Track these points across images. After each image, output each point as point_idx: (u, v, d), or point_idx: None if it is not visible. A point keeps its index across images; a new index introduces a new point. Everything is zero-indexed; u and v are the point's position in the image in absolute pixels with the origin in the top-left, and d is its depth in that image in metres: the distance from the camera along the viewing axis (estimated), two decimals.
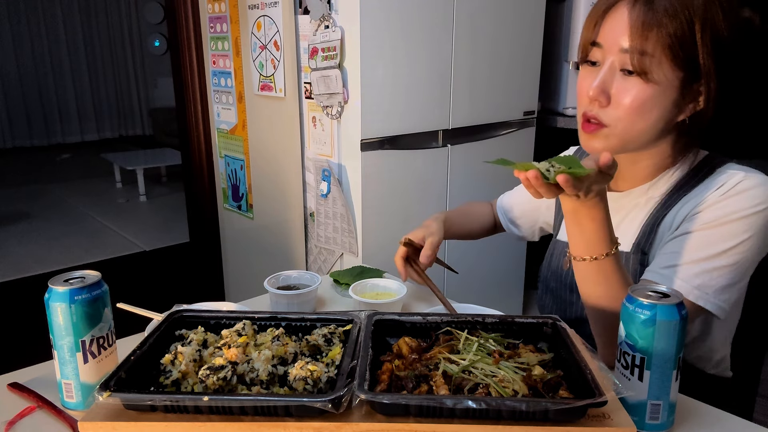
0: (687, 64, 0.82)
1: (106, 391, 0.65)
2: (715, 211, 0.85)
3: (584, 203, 0.78)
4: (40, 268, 3.71)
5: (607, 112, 0.86)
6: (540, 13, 2.43)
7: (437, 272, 2.32)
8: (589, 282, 0.84)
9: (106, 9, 8.03)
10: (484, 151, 2.34)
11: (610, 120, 0.86)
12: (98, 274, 0.78)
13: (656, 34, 0.80)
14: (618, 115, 0.85)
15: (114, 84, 8.39)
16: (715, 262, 0.84)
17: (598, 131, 0.87)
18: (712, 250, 0.84)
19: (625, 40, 0.82)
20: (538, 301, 1.15)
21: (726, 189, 0.86)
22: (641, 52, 0.81)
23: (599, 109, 0.86)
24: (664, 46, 0.81)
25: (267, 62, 2.24)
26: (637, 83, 0.83)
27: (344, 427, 0.66)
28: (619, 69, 0.84)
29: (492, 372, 0.72)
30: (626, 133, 0.86)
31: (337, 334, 0.82)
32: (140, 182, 5.46)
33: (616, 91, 0.85)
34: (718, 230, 0.85)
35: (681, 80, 0.83)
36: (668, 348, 0.68)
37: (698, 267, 0.84)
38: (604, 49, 0.85)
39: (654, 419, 0.71)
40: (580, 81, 0.90)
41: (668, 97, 0.84)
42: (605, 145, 0.88)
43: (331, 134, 2.06)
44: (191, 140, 2.78)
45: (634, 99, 0.83)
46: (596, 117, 0.87)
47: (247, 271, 2.74)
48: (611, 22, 0.84)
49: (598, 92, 0.85)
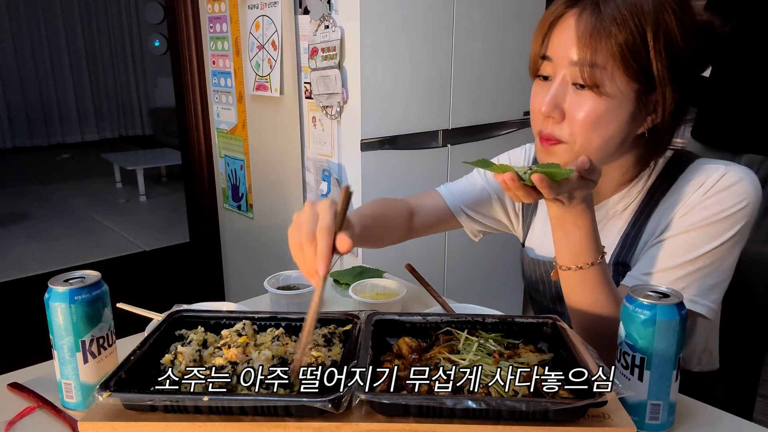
0: (641, 74, 0.78)
1: (105, 391, 0.65)
2: (700, 212, 0.83)
3: (569, 210, 0.77)
4: (40, 268, 3.71)
5: (563, 128, 0.82)
6: (540, 13, 2.42)
7: (437, 272, 2.32)
8: (576, 290, 0.83)
9: (106, 9, 8.03)
10: (484, 151, 2.34)
11: (566, 136, 0.82)
12: (98, 274, 0.78)
13: (605, 44, 0.77)
14: (573, 131, 0.81)
15: (114, 84, 8.38)
16: (699, 263, 0.83)
17: (556, 146, 0.83)
18: (696, 252, 0.83)
19: (574, 52, 0.79)
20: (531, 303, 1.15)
21: (708, 187, 0.84)
22: (591, 65, 0.77)
23: (554, 126, 0.83)
24: (615, 57, 0.77)
25: (264, 62, 2.23)
26: (590, 97, 0.79)
27: (344, 427, 0.66)
28: (571, 83, 0.81)
29: (492, 372, 0.72)
30: (584, 149, 0.82)
31: (337, 334, 0.82)
32: (140, 182, 5.46)
33: (569, 106, 0.81)
34: (703, 231, 0.83)
35: (636, 92, 0.80)
36: (668, 348, 0.68)
37: (683, 270, 0.83)
38: (554, 63, 0.82)
39: (654, 419, 0.71)
40: (533, 97, 0.87)
41: (624, 110, 0.80)
42: (564, 160, 0.84)
43: (331, 134, 2.06)
44: (191, 140, 2.78)
45: (588, 114, 0.79)
46: (551, 135, 0.83)
47: (247, 271, 2.74)
48: (559, 34, 0.81)
49: (551, 108, 0.81)
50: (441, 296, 1.06)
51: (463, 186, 1.15)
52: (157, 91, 8.12)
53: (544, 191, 0.71)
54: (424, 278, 1.13)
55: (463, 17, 2.11)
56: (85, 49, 8.01)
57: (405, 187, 2.12)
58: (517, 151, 1.14)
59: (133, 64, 8.42)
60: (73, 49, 7.91)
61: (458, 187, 1.15)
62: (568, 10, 0.81)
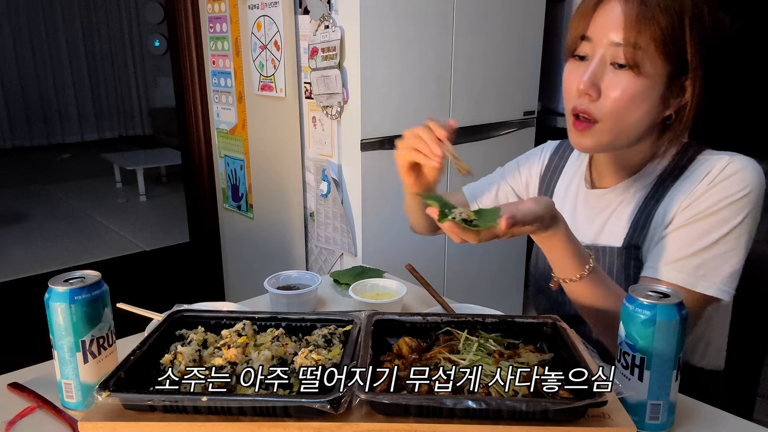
0: (675, 58, 0.83)
1: (105, 391, 0.65)
2: (706, 200, 0.87)
3: (539, 235, 0.80)
4: (40, 268, 3.70)
5: (598, 106, 0.86)
6: (540, 12, 2.43)
7: (437, 272, 2.32)
8: (579, 298, 0.87)
9: (106, 9, 8.03)
10: (484, 151, 2.34)
11: (601, 114, 0.86)
12: (98, 274, 0.78)
13: (649, 27, 0.81)
14: (608, 108, 0.85)
15: (114, 84, 8.38)
16: (714, 250, 0.86)
17: (590, 129, 0.87)
18: (708, 239, 0.86)
19: (618, 34, 0.82)
20: (532, 299, 1.15)
21: (713, 176, 0.87)
22: (635, 46, 0.81)
23: (589, 103, 0.86)
24: (656, 40, 0.81)
25: (267, 62, 2.24)
26: (628, 76, 0.83)
27: (344, 427, 0.66)
28: (610, 63, 0.84)
29: (492, 372, 0.72)
30: (616, 127, 0.86)
31: (337, 334, 0.82)
32: (140, 182, 5.46)
33: (606, 84, 0.85)
34: (711, 219, 0.86)
35: (668, 74, 0.84)
36: (668, 348, 0.68)
37: (699, 258, 0.86)
38: (594, 43, 0.85)
39: (654, 419, 0.71)
40: (568, 75, 0.90)
41: (657, 91, 0.85)
42: (596, 141, 0.88)
43: (331, 134, 2.06)
44: (191, 140, 2.78)
45: (625, 92, 0.84)
46: (586, 111, 0.87)
47: (247, 271, 2.74)
48: (603, 15, 0.84)
49: (589, 85, 0.85)
50: (441, 296, 1.07)
51: (482, 185, 1.21)
52: (157, 91, 8.12)
53: (452, 237, 0.76)
54: (424, 278, 1.13)
55: (462, 17, 2.11)
56: (85, 50, 8.01)
57: None
58: (536, 152, 1.18)
59: (133, 64, 8.42)
60: (73, 49, 7.91)
61: (477, 186, 1.22)
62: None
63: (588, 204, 1.02)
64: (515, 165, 1.19)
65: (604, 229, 0.99)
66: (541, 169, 1.14)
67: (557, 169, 1.12)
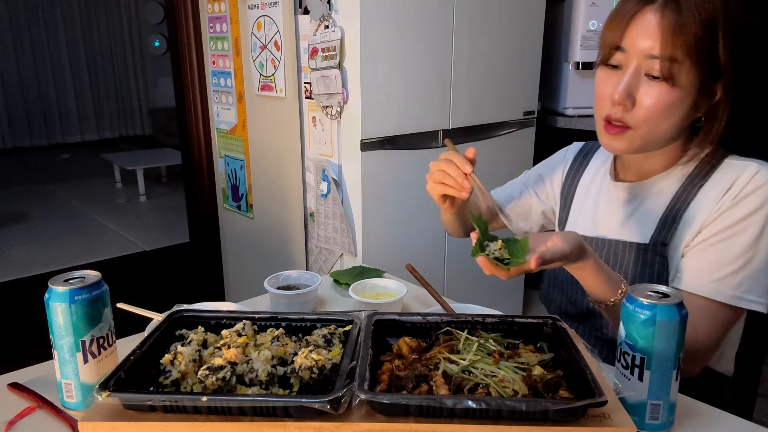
0: (708, 66, 0.85)
1: (105, 391, 0.65)
2: (736, 213, 0.88)
3: (568, 267, 0.83)
4: (40, 268, 3.70)
5: (632, 115, 0.88)
6: (540, 12, 2.43)
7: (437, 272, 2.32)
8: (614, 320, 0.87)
9: (106, 9, 8.03)
10: (484, 151, 2.33)
11: (635, 122, 0.88)
12: (98, 274, 0.78)
13: (684, 40, 0.82)
14: (642, 117, 0.87)
15: (114, 84, 8.39)
16: (752, 265, 0.87)
17: (623, 133, 0.90)
18: (746, 256, 0.87)
19: (653, 46, 0.84)
20: (543, 295, 1.15)
21: (740, 187, 0.88)
22: (671, 59, 0.83)
23: (623, 112, 0.88)
24: (691, 53, 0.83)
25: (267, 62, 2.24)
26: (662, 87, 0.85)
27: (344, 427, 0.66)
28: (644, 73, 0.86)
29: (492, 372, 0.72)
30: (650, 134, 0.89)
31: (337, 334, 0.82)
32: (140, 182, 5.46)
33: (641, 94, 0.87)
34: (745, 233, 0.87)
35: (701, 82, 0.86)
36: (668, 348, 0.68)
37: (740, 275, 0.87)
38: (628, 54, 0.87)
39: (654, 419, 0.71)
40: (600, 83, 0.92)
41: (690, 100, 0.87)
42: (628, 145, 0.91)
43: (331, 134, 2.06)
44: (191, 140, 2.78)
45: (659, 102, 0.86)
46: (621, 120, 0.89)
47: (247, 271, 2.74)
48: (638, 27, 0.86)
49: (624, 96, 0.87)
50: (441, 296, 1.07)
51: (508, 191, 1.26)
52: (157, 91, 8.13)
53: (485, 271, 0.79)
54: (424, 278, 1.13)
55: (462, 17, 2.11)
56: (85, 49, 8.01)
57: (405, 187, 2.12)
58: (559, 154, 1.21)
59: (133, 64, 8.42)
60: (73, 49, 7.91)
61: (504, 192, 1.27)
62: (646, 6, 0.86)
63: (611, 196, 1.04)
64: (538, 170, 1.22)
65: (628, 223, 1.00)
66: (564, 169, 1.17)
67: (581, 167, 1.14)
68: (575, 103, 2.65)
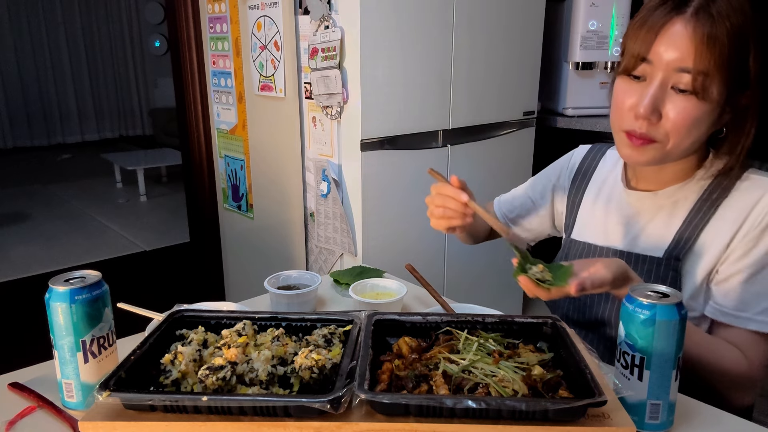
0: (737, 79, 0.82)
1: (105, 391, 0.65)
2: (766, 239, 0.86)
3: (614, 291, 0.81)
4: (40, 268, 3.71)
5: (658, 129, 0.85)
6: (540, 13, 2.43)
7: (437, 272, 2.32)
8: None
9: (106, 9, 8.04)
10: (484, 151, 2.34)
11: (660, 136, 0.86)
12: (98, 274, 0.78)
13: (716, 54, 0.80)
14: (668, 131, 0.85)
15: (114, 84, 8.39)
16: None
17: (647, 146, 0.87)
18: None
19: (684, 59, 0.81)
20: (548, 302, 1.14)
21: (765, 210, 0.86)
22: (704, 74, 0.80)
23: (649, 127, 0.85)
24: (723, 65, 0.80)
25: (267, 62, 2.24)
26: (690, 101, 0.82)
27: (344, 427, 0.66)
28: (671, 86, 0.83)
29: (492, 372, 0.72)
30: (676, 147, 0.86)
31: (337, 334, 0.82)
32: (140, 182, 5.46)
33: (668, 109, 0.84)
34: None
35: (728, 93, 0.83)
36: (668, 348, 0.68)
37: None
38: (654, 65, 0.84)
39: (653, 419, 0.71)
40: (621, 94, 0.89)
41: (716, 112, 0.85)
42: (651, 158, 0.88)
43: (331, 134, 2.06)
44: (191, 140, 2.79)
45: (687, 116, 0.83)
46: (645, 135, 0.86)
47: (247, 271, 2.74)
48: (667, 39, 0.82)
49: (650, 110, 0.84)
50: (441, 296, 1.07)
51: (509, 198, 1.26)
52: (157, 91, 8.13)
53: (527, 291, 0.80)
54: (424, 278, 1.13)
55: (462, 17, 2.11)
56: (85, 49, 8.02)
57: (405, 188, 2.13)
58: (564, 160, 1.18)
59: (133, 64, 8.42)
60: (73, 49, 7.92)
61: (507, 196, 1.27)
62: (675, 17, 0.82)
63: (622, 204, 1.01)
64: (544, 177, 1.20)
65: (641, 235, 0.97)
66: (570, 174, 1.14)
67: (588, 171, 1.11)
68: (575, 103, 2.65)
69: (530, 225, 1.22)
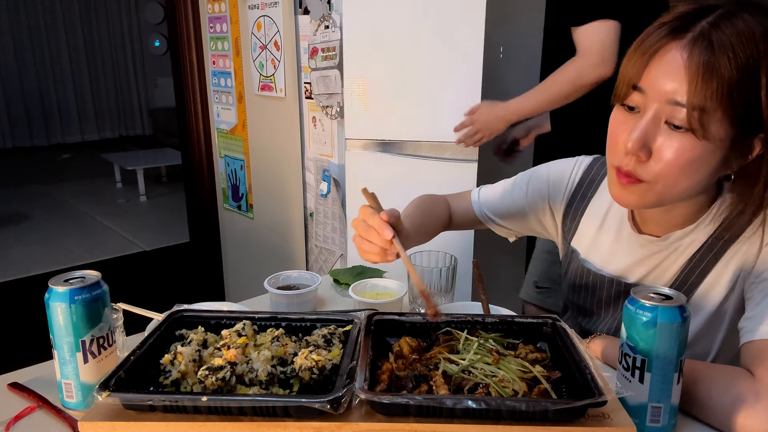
0: (744, 118, 0.71)
1: (105, 391, 0.65)
2: None
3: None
4: (40, 268, 3.70)
5: (647, 168, 0.75)
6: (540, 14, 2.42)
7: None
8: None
9: (106, 9, 8.04)
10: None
11: (650, 176, 0.76)
12: (98, 274, 0.78)
13: (716, 88, 0.69)
14: (659, 172, 0.75)
15: (114, 84, 8.39)
16: None
17: (634, 185, 0.78)
18: None
19: (677, 91, 0.71)
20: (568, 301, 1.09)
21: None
22: (699, 109, 0.70)
23: (636, 164, 0.76)
24: (723, 101, 0.69)
25: (267, 62, 2.24)
26: (685, 139, 0.72)
27: (344, 427, 0.66)
28: (665, 121, 0.73)
29: (492, 372, 0.72)
30: (667, 190, 0.76)
31: (337, 334, 0.82)
32: (140, 182, 5.46)
33: (659, 146, 0.74)
34: None
35: (735, 134, 0.72)
36: (669, 350, 0.67)
37: None
38: (647, 96, 0.74)
39: (655, 422, 0.70)
40: (614, 126, 0.80)
41: (719, 155, 0.73)
42: (639, 199, 0.79)
43: (331, 134, 2.06)
44: (191, 140, 2.79)
45: (680, 157, 0.73)
46: (631, 173, 0.77)
47: (247, 271, 2.74)
48: (659, 66, 0.73)
49: (638, 147, 0.74)
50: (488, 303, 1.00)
51: (495, 192, 1.14)
52: (157, 91, 8.13)
53: None
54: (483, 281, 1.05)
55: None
56: (85, 49, 8.02)
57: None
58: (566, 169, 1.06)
59: (133, 64, 8.43)
60: (73, 49, 7.92)
61: (490, 193, 1.14)
62: (672, 42, 0.73)
63: (632, 247, 0.93)
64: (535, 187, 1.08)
65: (649, 276, 0.92)
66: (573, 183, 1.04)
67: (591, 185, 1.02)
68: None
69: (514, 227, 1.14)
